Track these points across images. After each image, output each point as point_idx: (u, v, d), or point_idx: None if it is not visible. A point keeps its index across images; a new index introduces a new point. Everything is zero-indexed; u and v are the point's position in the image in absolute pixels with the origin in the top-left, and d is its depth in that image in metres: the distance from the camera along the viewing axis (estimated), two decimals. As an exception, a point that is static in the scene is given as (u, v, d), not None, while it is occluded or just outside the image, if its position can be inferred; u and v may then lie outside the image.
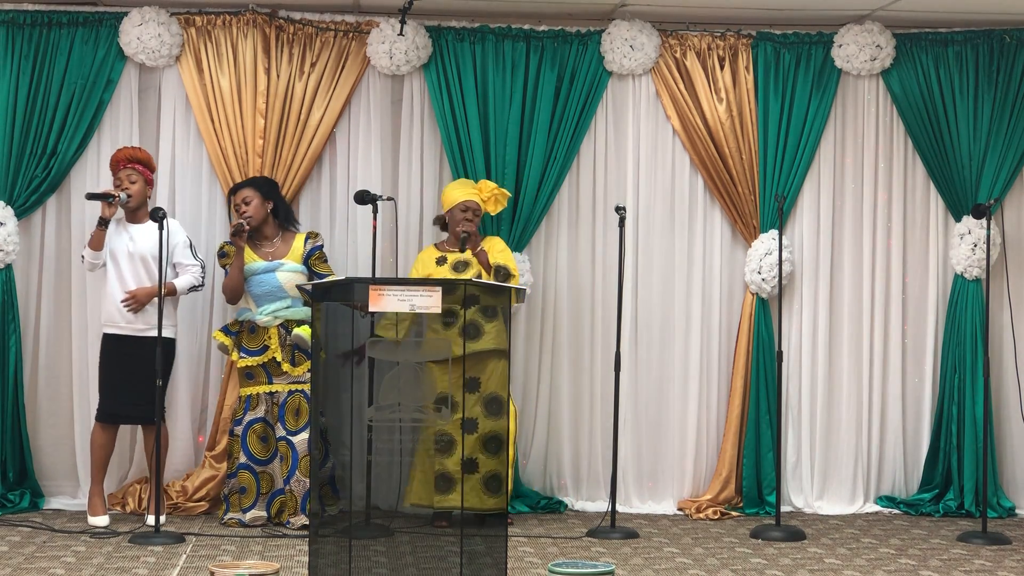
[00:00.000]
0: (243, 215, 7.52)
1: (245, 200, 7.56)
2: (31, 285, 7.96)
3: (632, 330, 8.29)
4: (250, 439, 7.49)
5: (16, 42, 7.85)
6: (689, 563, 6.75)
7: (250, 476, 7.48)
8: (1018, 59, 8.33)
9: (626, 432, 8.20)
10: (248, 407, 7.52)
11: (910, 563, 6.85)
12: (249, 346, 7.52)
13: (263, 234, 7.63)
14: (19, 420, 7.81)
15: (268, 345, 7.49)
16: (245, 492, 7.48)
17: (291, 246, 7.61)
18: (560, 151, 8.19)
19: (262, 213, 7.59)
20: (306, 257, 7.59)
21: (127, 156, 7.53)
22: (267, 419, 7.52)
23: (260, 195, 7.59)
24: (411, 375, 6.05)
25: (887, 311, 8.46)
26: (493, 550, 6.07)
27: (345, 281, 6.28)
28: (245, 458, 7.49)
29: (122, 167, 7.51)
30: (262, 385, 7.52)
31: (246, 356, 7.51)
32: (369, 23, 8.11)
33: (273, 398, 7.51)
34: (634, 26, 8.20)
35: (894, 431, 8.47)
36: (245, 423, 7.50)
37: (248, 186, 7.62)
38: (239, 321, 7.58)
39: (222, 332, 7.61)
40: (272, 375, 7.50)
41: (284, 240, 7.65)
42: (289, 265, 7.54)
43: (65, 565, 6.38)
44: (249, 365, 7.49)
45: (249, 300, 7.55)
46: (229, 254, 7.56)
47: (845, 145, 8.47)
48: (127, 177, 7.49)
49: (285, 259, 7.56)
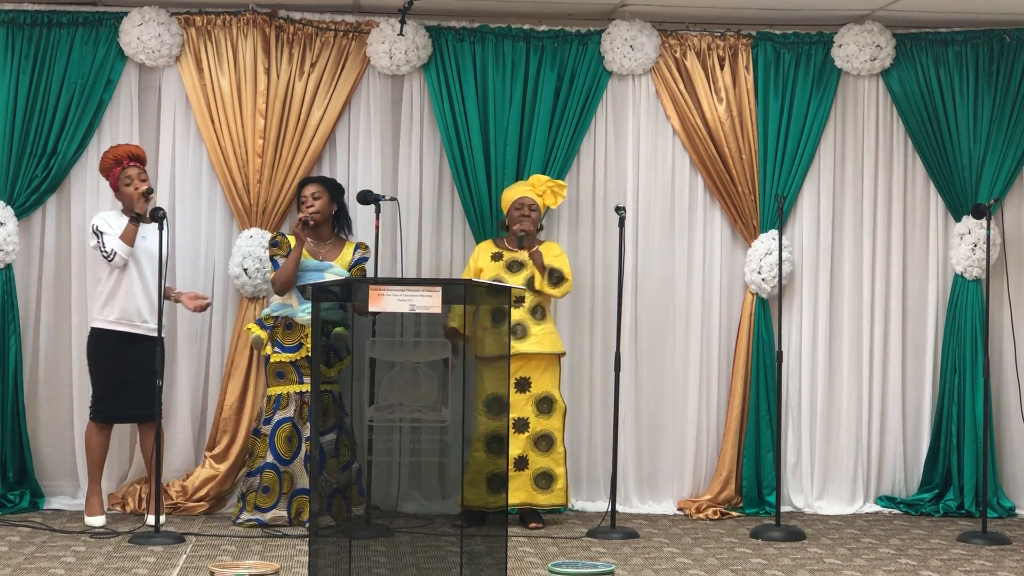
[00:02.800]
0: (310, 209, 7.53)
1: (314, 195, 7.58)
2: (31, 285, 7.96)
3: (632, 330, 8.29)
4: (278, 438, 7.48)
5: (16, 42, 7.85)
6: (689, 563, 6.75)
7: (274, 475, 7.47)
8: (1018, 59, 8.33)
9: (626, 432, 8.20)
10: (278, 407, 7.50)
11: (910, 563, 6.85)
12: (285, 342, 7.51)
13: (319, 234, 7.62)
14: (19, 420, 7.81)
15: (304, 343, 7.47)
16: (269, 491, 7.46)
17: (341, 251, 7.62)
18: (560, 151, 8.19)
19: (327, 212, 7.61)
20: (352, 265, 7.59)
21: (127, 153, 7.48)
22: (295, 420, 7.51)
23: (328, 195, 7.61)
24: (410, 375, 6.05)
25: (887, 311, 8.46)
26: (493, 550, 6.07)
27: (345, 281, 6.29)
28: (272, 457, 7.47)
29: (127, 164, 7.44)
30: (293, 384, 7.51)
31: (280, 352, 7.50)
32: (369, 23, 8.11)
33: (303, 397, 7.50)
34: (634, 26, 8.20)
35: (894, 431, 8.47)
36: (275, 423, 7.49)
37: (320, 183, 7.64)
38: (273, 316, 7.56)
39: (257, 325, 7.59)
40: (303, 374, 7.49)
41: (336, 244, 7.66)
42: (337, 269, 7.53)
43: (65, 565, 6.38)
44: (282, 361, 7.48)
45: (292, 295, 7.53)
46: (282, 245, 7.55)
47: (845, 145, 8.47)
48: (138, 176, 7.45)
49: (335, 263, 7.56)
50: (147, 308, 7.40)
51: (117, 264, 7.36)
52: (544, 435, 7.65)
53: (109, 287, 7.41)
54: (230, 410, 7.87)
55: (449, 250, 8.24)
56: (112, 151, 7.54)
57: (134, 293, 7.40)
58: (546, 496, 7.66)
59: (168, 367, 7.83)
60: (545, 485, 7.65)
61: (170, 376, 7.91)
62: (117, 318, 7.42)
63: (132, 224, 7.34)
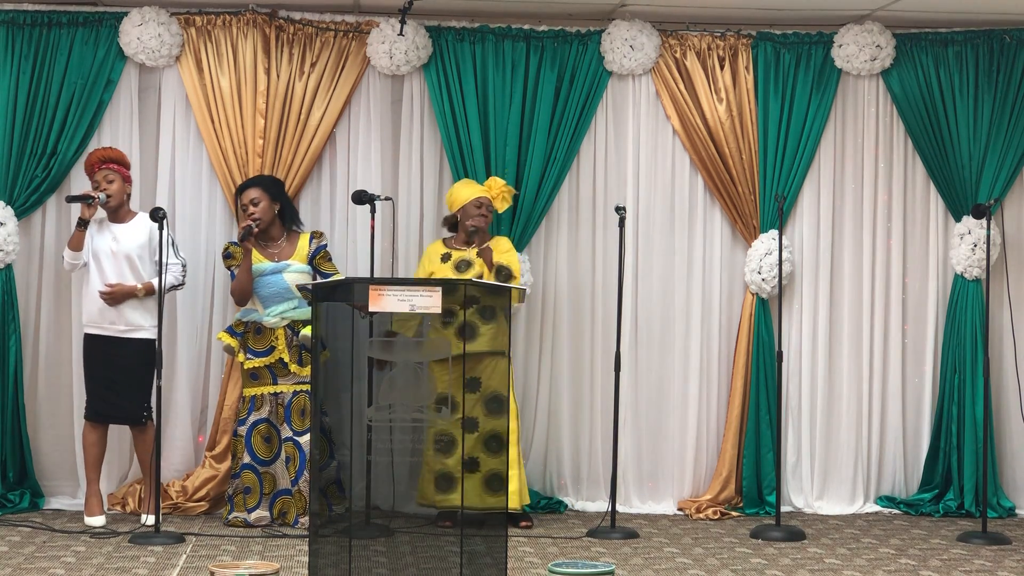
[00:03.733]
0: (251, 216, 7.49)
1: (253, 201, 7.52)
2: (31, 285, 7.97)
3: (632, 330, 8.29)
4: (254, 440, 7.49)
5: (16, 42, 7.85)
6: (689, 563, 6.75)
7: (254, 476, 7.48)
8: (1018, 59, 8.33)
9: (626, 432, 8.20)
10: (252, 408, 7.51)
11: (910, 563, 6.85)
12: (256, 347, 7.51)
13: (269, 235, 7.60)
14: (19, 420, 7.81)
15: (275, 346, 7.47)
16: (250, 492, 7.47)
17: (296, 246, 7.60)
18: (560, 151, 8.19)
19: (270, 214, 7.56)
20: (311, 257, 7.57)
21: (100, 157, 7.48)
22: (271, 420, 7.51)
23: (268, 196, 7.56)
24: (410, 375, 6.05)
25: (887, 311, 8.46)
26: (493, 550, 6.07)
27: (345, 281, 6.28)
28: (249, 458, 7.48)
29: (97, 168, 7.46)
30: (267, 386, 7.51)
31: (253, 357, 7.50)
32: (369, 23, 8.11)
33: (278, 399, 7.50)
34: (634, 26, 8.20)
35: (894, 431, 8.47)
36: (249, 423, 7.50)
37: (256, 186, 7.58)
38: (243, 322, 7.57)
39: (227, 333, 7.59)
40: (277, 376, 7.49)
41: (289, 240, 7.63)
42: (296, 266, 7.52)
43: (65, 565, 6.38)
44: (256, 366, 7.49)
45: (256, 301, 7.53)
46: (235, 255, 7.53)
47: (845, 145, 8.47)
48: (104, 178, 7.45)
49: (291, 260, 7.54)
50: (112, 310, 7.40)
51: (67, 269, 7.51)
52: (494, 435, 7.42)
53: (84, 290, 7.52)
54: (230, 410, 7.87)
55: (449, 250, 8.24)
56: (87, 157, 7.56)
57: (94, 295, 7.42)
58: (496, 499, 7.40)
59: (168, 367, 7.83)
60: (497, 488, 7.40)
61: (170, 376, 7.91)
62: (87, 320, 7.50)
63: (77, 229, 7.40)
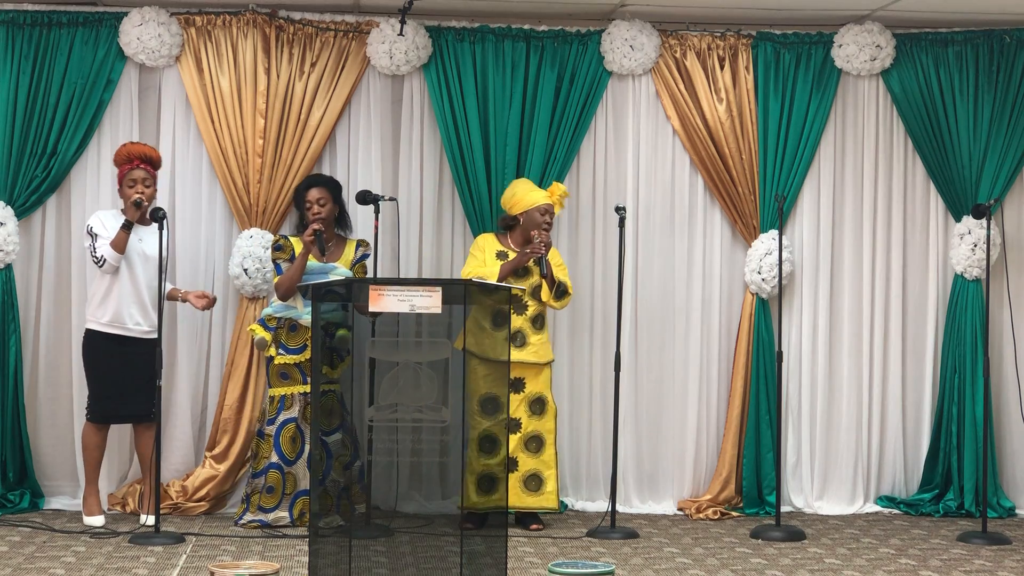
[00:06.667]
0: (317, 216, 7.46)
1: (319, 201, 7.50)
2: (31, 285, 7.96)
3: (632, 330, 8.29)
4: (282, 439, 7.47)
5: (16, 42, 7.85)
6: (689, 563, 6.75)
7: (278, 476, 7.46)
8: (1018, 59, 8.33)
9: (626, 432, 8.20)
10: (282, 407, 7.49)
11: (910, 563, 6.85)
12: (289, 344, 7.49)
13: (324, 236, 7.55)
14: (19, 420, 7.81)
15: (308, 344, 7.44)
16: (272, 491, 7.46)
17: (343, 250, 7.59)
18: (560, 151, 8.19)
19: (333, 216, 7.56)
20: (353, 263, 7.57)
21: (141, 154, 7.43)
22: (298, 419, 7.51)
23: (332, 198, 7.55)
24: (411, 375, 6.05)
25: (887, 311, 8.47)
26: (493, 550, 6.08)
27: (345, 281, 6.29)
28: (277, 458, 7.46)
29: (136, 166, 7.42)
30: (297, 385, 7.49)
31: (285, 353, 7.48)
32: (369, 23, 8.11)
33: (307, 398, 7.48)
34: (634, 26, 8.20)
35: (894, 431, 8.47)
36: (279, 423, 7.48)
37: (323, 186, 7.56)
38: (276, 317, 7.54)
39: (260, 326, 7.57)
40: (307, 375, 7.47)
41: (338, 244, 7.62)
42: (341, 269, 7.49)
43: (65, 565, 6.38)
44: (286, 363, 7.48)
45: (297, 298, 7.51)
46: (285, 248, 7.48)
47: (845, 145, 8.47)
48: (142, 180, 7.41)
49: (338, 263, 7.53)
50: (139, 311, 7.40)
51: (106, 271, 7.38)
52: (534, 436, 7.60)
53: (103, 289, 7.42)
54: (230, 410, 7.88)
55: (449, 250, 8.24)
56: (127, 147, 7.49)
57: (125, 296, 7.39)
58: (535, 499, 7.60)
59: (168, 367, 7.83)
60: (535, 488, 7.60)
61: (170, 376, 7.91)
62: (109, 320, 7.42)
63: (123, 231, 7.32)
